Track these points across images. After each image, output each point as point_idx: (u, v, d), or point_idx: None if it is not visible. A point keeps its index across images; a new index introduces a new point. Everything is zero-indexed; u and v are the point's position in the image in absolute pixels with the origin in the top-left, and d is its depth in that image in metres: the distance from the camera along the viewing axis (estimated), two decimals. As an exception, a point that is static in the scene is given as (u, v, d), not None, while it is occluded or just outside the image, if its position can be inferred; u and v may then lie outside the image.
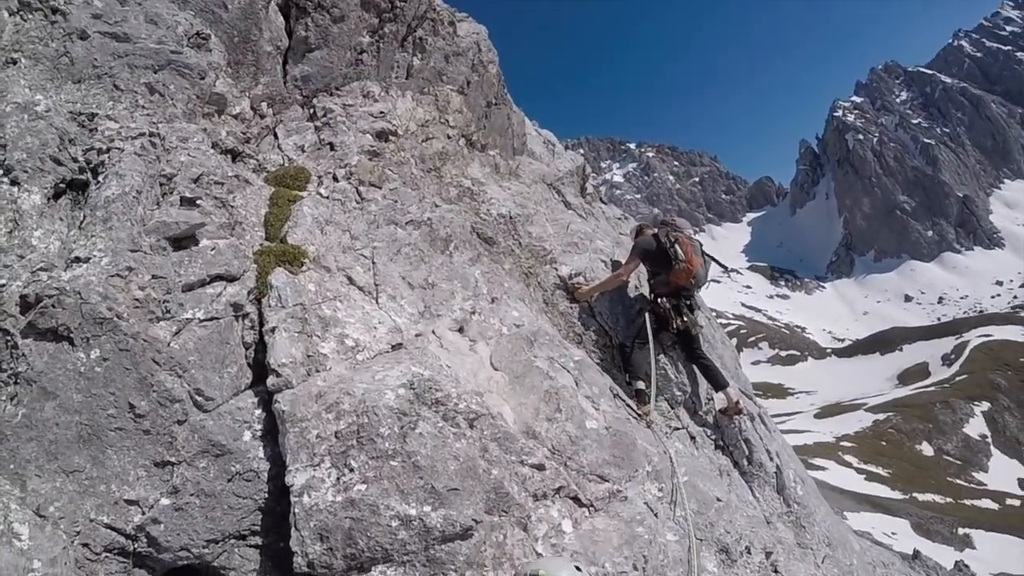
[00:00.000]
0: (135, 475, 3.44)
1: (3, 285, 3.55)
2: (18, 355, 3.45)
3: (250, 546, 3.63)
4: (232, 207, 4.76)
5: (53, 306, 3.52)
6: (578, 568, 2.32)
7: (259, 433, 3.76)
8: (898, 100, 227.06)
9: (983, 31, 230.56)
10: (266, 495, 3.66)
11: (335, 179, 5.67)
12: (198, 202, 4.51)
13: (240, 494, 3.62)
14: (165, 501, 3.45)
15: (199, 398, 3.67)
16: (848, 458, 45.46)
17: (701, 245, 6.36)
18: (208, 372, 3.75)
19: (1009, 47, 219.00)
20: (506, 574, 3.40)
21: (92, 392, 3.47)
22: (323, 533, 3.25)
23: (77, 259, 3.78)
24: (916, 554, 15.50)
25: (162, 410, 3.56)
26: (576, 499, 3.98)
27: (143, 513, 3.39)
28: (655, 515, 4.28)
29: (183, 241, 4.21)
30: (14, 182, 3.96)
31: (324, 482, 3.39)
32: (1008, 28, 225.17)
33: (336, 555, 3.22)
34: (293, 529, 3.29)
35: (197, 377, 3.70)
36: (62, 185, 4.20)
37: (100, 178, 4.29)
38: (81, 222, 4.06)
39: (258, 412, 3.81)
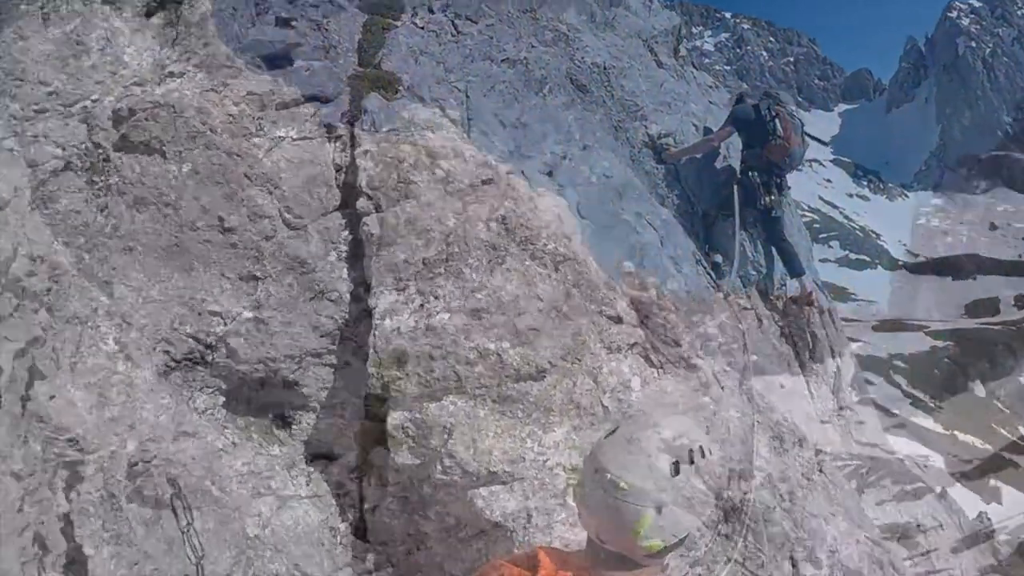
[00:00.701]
0: (220, 288, 3.54)
1: (96, 100, 3.55)
2: (110, 168, 3.50)
3: (325, 364, 3.75)
4: (327, 31, 4.68)
5: (147, 119, 3.53)
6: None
7: (344, 255, 3.80)
8: (1020, 12, 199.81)
9: None
10: (346, 316, 3.74)
11: (430, 11, 5.50)
12: (292, 23, 4.46)
13: (320, 313, 3.71)
14: (247, 314, 3.54)
15: (288, 216, 3.71)
16: (897, 378, 44.02)
17: (802, 124, 6.03)
18: (298, 190, 3.77)
19: None
20: (571, 421, 3.44)
21: (182, 205, 3.53)
22: (400, 358, 3.30)
23: (171, 74, 3.76)
24: (944, 494, 15.58)
25: (251, 225, 3.60)
26: (647, 358, 3.97)
27: (225, 325, 3.50)
28: (721, 388, 4.25)
29: (277, 60, 4.20)
30: (107, 1, 3.89)
31: (407, 307, 3.43)
32: None
33: (411, 381, 3.27)
34: (371, 351, 3.35)
35: (287, 195, 3.72)
36: (154, 3, 4.12)
37: (193, -3, 4.23)
38: (175, 39, 4.00)
39: (345, 234, 3.84)
